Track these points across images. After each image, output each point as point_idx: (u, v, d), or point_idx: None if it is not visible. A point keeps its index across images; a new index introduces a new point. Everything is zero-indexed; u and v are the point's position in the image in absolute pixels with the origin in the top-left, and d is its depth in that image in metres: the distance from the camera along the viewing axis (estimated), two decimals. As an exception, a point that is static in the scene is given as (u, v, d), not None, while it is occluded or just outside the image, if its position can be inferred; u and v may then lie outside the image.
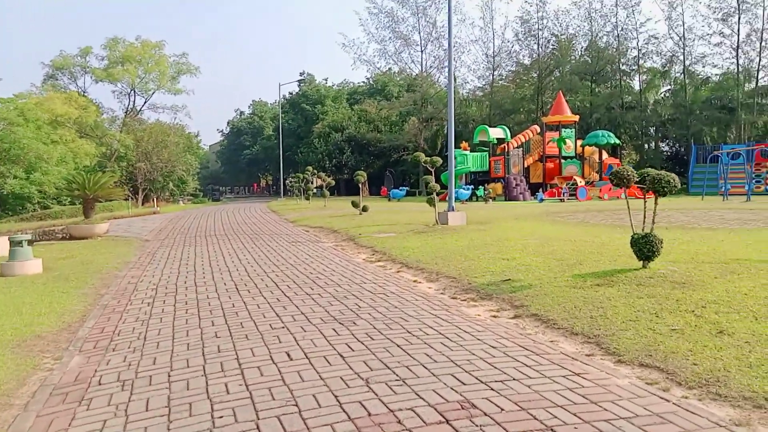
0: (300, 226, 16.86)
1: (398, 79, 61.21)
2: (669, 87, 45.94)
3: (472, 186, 31.20)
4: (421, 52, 52.42)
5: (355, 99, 63.92)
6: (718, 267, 6.58)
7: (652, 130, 45.79)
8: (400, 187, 39.54)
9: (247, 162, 77.04)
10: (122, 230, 18.09)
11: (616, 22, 44.45)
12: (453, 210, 13.90)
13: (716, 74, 42.53)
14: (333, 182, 33.69)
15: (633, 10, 43.62)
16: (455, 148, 38.33)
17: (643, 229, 6.79)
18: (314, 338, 4.71)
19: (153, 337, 5.08)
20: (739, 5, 38.55)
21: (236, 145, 78.31)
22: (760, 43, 38.71)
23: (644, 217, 6.87)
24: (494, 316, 5.56)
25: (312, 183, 33.45)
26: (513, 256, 8.31)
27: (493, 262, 7.96)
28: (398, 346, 4.45)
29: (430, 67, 52.94)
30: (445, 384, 3.63)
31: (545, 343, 4.58)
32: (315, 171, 34.70)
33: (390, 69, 59.16)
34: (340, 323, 5.18)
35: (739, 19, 38.85)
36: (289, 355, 4.32)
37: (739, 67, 39.66)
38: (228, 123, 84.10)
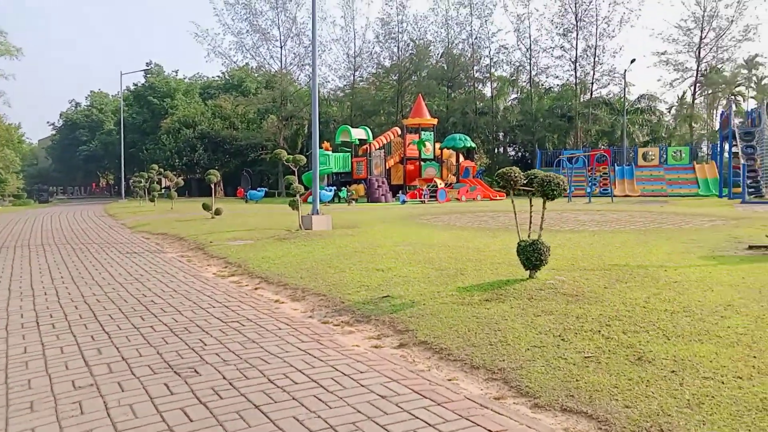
0: (140, 232, 14.68)
1: (256, 75, 58.71)
2: (517, 95, 49.01)
3: (334, 187, 30.35)
4: (281, 47, 50.73)
5: (209, 94, 60.25)
6: (603, 275, 6.21)
7: (501, 135, 48.55)
8: (258, 188, 37.57)
9: (84, 159, 69.17)
10: None
11: (471, 30, 46.47)
12: (318, 213, 12.80)
13: (557, 85, 46.15)
14: (182, 182, 30.85)
15: (486, 21, 45.87)
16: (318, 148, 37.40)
17: (529, 236, 6.23)
18: (135, 403, 3.33)
19: None
20: (577, 22, 42.11)
21: (71, 140, 69.97)
22: (594, 58, 42.64)
23: (530, 222, 6.32)
24: (376, 346, 4.56)
25: (158, 183, 30.33)
26: (388, 265, 7.42)
27: (367, 274, 6.99)
28: (257, 407, 3.25)
29: (290, 63, 51.46)
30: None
31: (443, 384, 3.66)
32: (162, 170, 31.56)
33: (247, 64, 56.61)
34: (175, 373, 3.83)
35: (577, 35, 42.46)
36: (91, 436, 2.93)
37: (577, 79, 43.33)
38: (61, 115, 75.02)
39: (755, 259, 6.99)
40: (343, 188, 30.23)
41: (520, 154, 52.64)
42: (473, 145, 33.87)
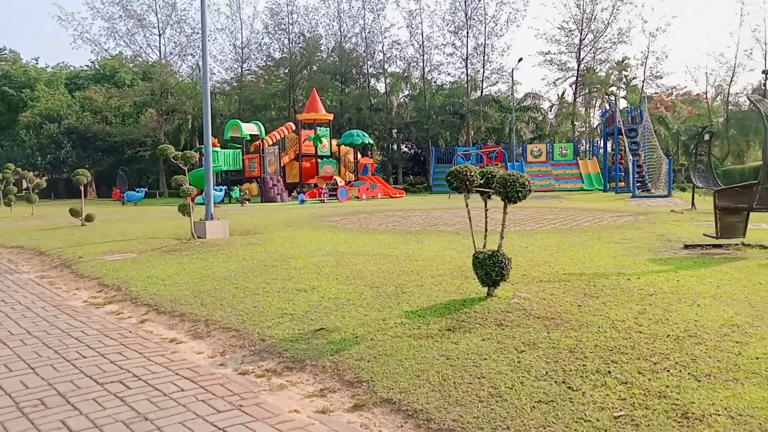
0: (-11, 245, 12.10)
1: (132, 65, 53.94)
2: (410, 92, 49.05)
3: (225, 186, 28.09)
4: (159, 35, 46.95)
5: (76, 85, 54.43)
6: (565, 288, 5.41)
7: (396, 132, 48.35)
8: (137, 189, 34.16)
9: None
10: None
11: (364, 24, 45.69)
12: (212, 218, 11.15)
13: (450, 82, 46.71)
14: (45, 183, 27.01)
15: (379, 15, 45.35)
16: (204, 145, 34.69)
17: (484, 246, 5.28)
18: None
19: None
20: (467, 20, 42.76)
21: None
22: (484, 57, 43.56)
23: (485, 230, 5.36)
24: (323, 411, 3.34)
25: (15, 185, 26.41)
26: (311, 284, 6.16)
27: (287, 297, 5.69)
28: None
29: (170, 53, 47.75)
30: None
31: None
32: (20, 170, 27.52)
33: (121, 53, 51.84)
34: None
35: (467, 33, 43.13)
36: None
37: (468, 76, 44.07)
38: None
39: (704, 262, 6.56)
40: (235, 187, 28.16)
41: (413, 151, 52.88)
42: (371, 141, 33.11)
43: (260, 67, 49.55)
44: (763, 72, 9.84)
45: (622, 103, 49.20)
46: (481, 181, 5.02)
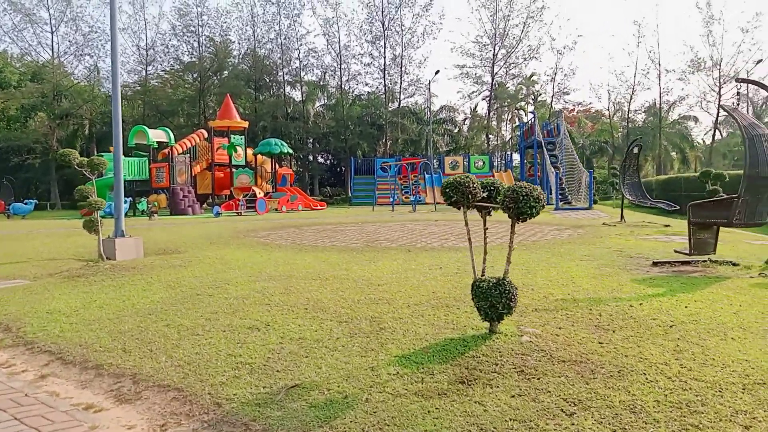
0: None
1: (18, 65, 49.01)
2: (326, 101, 48.08)
3: (130, 198, 25.62)
4: (52, 33, 42.86)
5: (-49, 84, 48.55)
6: (568, 319, 4.72)
7: (312, 142, 47.15)
8: (26, 200, 30.55)
9: None
10: None
11: (279, 30, 44.22)
12: (123, 235, 9.63)
13: (367, 92, 46.25)
14: None
15: (294, 21, 44.08)
16: (105, 152, 31.64)
17: (483, 271, 4.46)
18: None
19: None
20: (384, 31, 42.51)
21: None
22: (401, 68, 43.49)
23: (485, 251, 4.55)
24: None
25: None
26: (262, 318, 5.07)
27: (238, 338, 4.57)
28: None
29: (65, 53, 43.74)
30: None
31: None
32: None
33: (5, 50, 46.91)
34: None
35: (384, 43, 42.87)
36: None
37: (386, 87, 43.80)
38: None
39: (692, 282, 6.14)
40: (142, 199, 25.82)
41: (329, 161, 51.87)
42: (290, 150, 31.73)
43: (167, 71, 46.61)
44: (737, 80, 10.13)
45: (530, 117, 51.08)
46: (484, 194, 4.20)
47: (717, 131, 45.87)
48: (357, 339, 4.41)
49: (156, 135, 27.97)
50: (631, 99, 46.16)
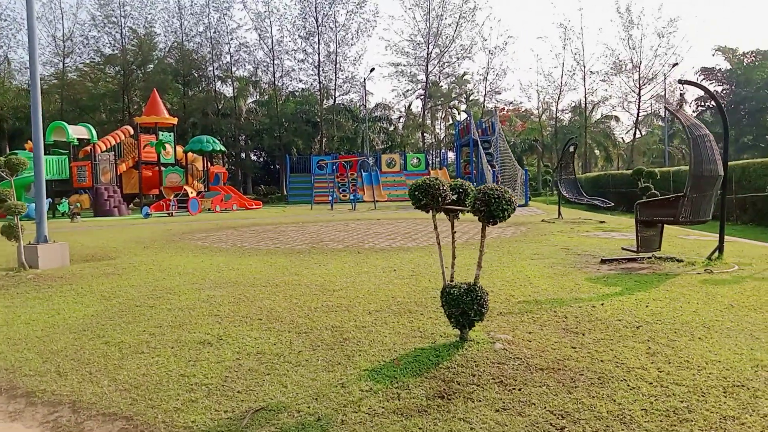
0: None
1: None
2: (259, 97, 46.91)
3: (50, 199, 23.88)
4: (-46, 20, 39.40)
5: None
6: (535, 321, 4.65)
7: (245, 139, 45.88)
8: (-72, 202, 27.91)
9: None
10: None
11: (209, 23, 42.69)
12: (46, 241, 8.85)
13: (302, 89, 45.50)
14: None
15: (225, 14, 42.68)
16: (19, 149, 29.37)
17: (452, 276, 4.31)
18: None
19: None
20: (318, 27, 41.93)
21: None
22: (336, 65, 43.05)
23: (453, 254, 4.39)
24: None
25: None
26: (214, 331, 4.70)
27: (189, 356, 4.19)
28: None
29: (-30, 42, 40.33)
30: None
31: None
32: None
33: None
34: None
35: (318, 39, 42.29)
36: None
37: (321, 84, 43.24)
38: None
39: (645, 280, 6.26)
40: (63, 200, 24.15)
41: (263, 159, 50.73)
42: (223, 148, 30.65)
43: (87, 63, 43.95)
44: (679, 81, 10.45)
45: (463, 116, 51.98)
46: (453, 197, 4.04)
47: (637, 130, 48.35)
48: (320, 352, 4.14)
49: (76, 131, 26.26)
50: (558, 99, 47.93)
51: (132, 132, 29.43)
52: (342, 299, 5.63)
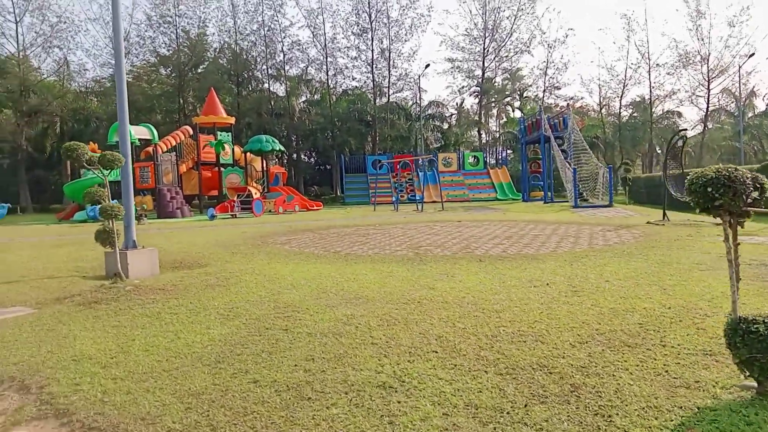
0: None
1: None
2: (310, 96, 46.39)
3: (115, 200, 23.57)
4: (16, 23, 40.21)
5: None
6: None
7: (297, 139, 45.40)
8: (-2, 203, 28.28)
9: None
10: None
11: (262, 21, 42.34)
12: (135, 246, 8.10)
13: (355, 87, 44.72)
14: None
15: (278, 12, 42.30)
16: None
17: (733, 308, 3.18)
18: None
19: None
20: (371, 23, 41.07)
21: None
22: (389, 62, 42.09)
23: (736, 272, 3.25)
24: None
25: None
26: (386, 369, 3.70)
27: (373, 407, 3.19)
28: None
29: (31, 45, 41.09)
30: None
31: None
32: None
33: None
34: None
35: (372, 36, 41.41)
36: None
37: (374, 82, 42.37)
38: None
39: None
40: (126, 201, 23.84)
41: (313, 159, 50.21)
42: (282, 148, 30.05)
43: (139, 66, 44.28)
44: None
45: (517, 114, 50.22)
46: (755, 195, 2.91)
47: (705, 126, 45.69)
48: (554, 406, 3.07)
49: (138, 132, 26.05)
50: (622, 94, 45.68)
51: (191, 132, 29.14)
52: (517, 324, 4.57)
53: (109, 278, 7.57)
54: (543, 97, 46.62)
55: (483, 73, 45.58)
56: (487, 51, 45.11)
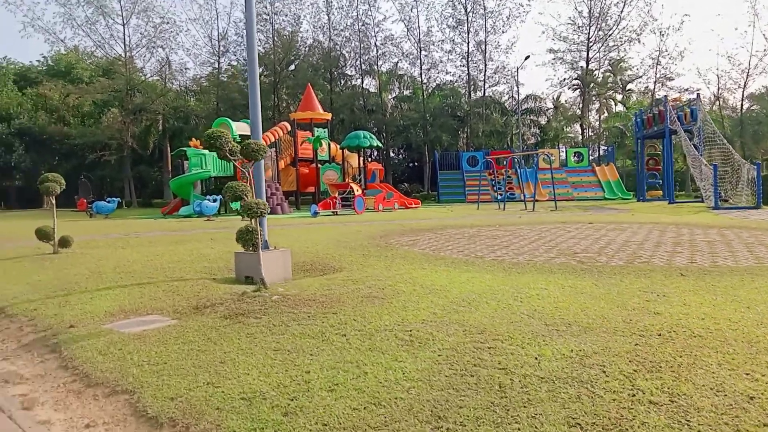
0: None
1: (89, 60, 48.60)
2: (402, 91, 45.52)
3: (219, 196, 23.68)
4: (123, 26, 42.00)
5: (27, 81, 48.72)
6: None
7: (389, 135, 44.65)
8: (108, 198, 29.35)
9: None
10: None
11: (357, 15, 41.92)
12: (267, 247, 7.30)
13: (449, 81, 43.42)
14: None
15: (372, 6, 41.73)
16: (182, 147, 30.10)
17: None
18: None
19: None
20: (467, 15, 39.54)
21: None
22: (485, 55, 40.40)
23: None
24: None
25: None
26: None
27: None
28: None
29: (137, 45, 42.80)
30: None
31: None
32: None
33: (77, 46, 46.40)
34: None
35: (468, 28, 39.89)
36: None
37: (469, 76, 40.84)
38: None
39: None
40: (231, 197, 23.84)
41: (403, 155, 49.35)
42: (380, 144, 29.27)
43: (234, 66, 45.10)
44: None
45: (619, 108, 46.89)
46: None
47: None
48: None
49: (240, 128, 26.09)
50: (745, 84, 41.39)
51: (289, 128, 28.96)
52: None
53: (240, 282, 6.82)
54: (654, 89, 43.13)
55: (587, 64, 42.77)
56: (592, 40, 42.27)
